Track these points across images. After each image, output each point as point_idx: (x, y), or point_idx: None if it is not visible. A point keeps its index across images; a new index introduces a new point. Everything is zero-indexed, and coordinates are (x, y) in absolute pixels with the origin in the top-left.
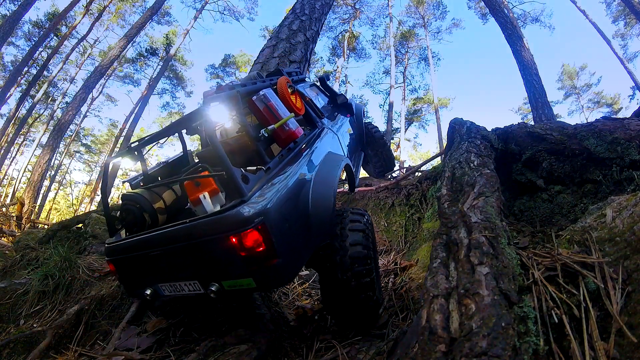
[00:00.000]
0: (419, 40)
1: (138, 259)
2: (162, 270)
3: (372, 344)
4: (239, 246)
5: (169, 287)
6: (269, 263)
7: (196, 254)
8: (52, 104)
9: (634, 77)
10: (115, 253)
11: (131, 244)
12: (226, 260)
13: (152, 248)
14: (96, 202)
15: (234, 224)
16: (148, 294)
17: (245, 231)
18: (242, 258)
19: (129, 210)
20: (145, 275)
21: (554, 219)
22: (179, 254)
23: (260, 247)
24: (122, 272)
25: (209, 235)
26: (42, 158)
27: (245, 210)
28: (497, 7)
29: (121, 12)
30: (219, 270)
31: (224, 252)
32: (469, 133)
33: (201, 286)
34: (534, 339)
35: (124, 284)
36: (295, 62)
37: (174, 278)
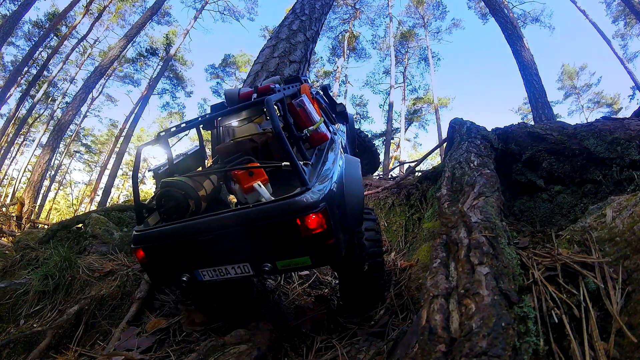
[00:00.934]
0: (419, 40)
1: (179, 245)
2: (207, 255)
3: (372, 343)
4: (303, 227)
5: (211, 272)
6: (327, 243)
7: (255, 237)
8: (52, 104)
9: (634, 77)
10: (149, 240)
11: (175, 230)
12: (286, 241)
13: (203, 233)
14: (96, 202)
15: (302, 208)
16: (184, 279)
17: (311, 214)
18: (304, 238)
19: (173, 197)
20: (184, 261)
21: (554, 219)
22: (234, 238)
23: (321, 229)
24: (154, 259)
25: (276, 217)
26: (42, 158)
27: (311, 196)
28: (497, 7)
29: (121, 12)
30: (276, 251)
31: (287, 233)
32: (469, 133)
33: (251, 268)
34: (534, 339)
35: (150, 272)
36: (295, 62)
37: (220, 262)
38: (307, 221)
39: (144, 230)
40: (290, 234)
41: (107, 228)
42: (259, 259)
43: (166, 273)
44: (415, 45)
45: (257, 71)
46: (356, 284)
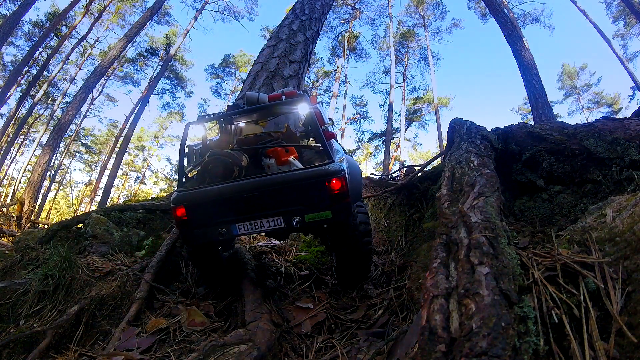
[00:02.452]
0: (419, 40)
1: (222, 202)
2: (247, 210)
3: (372, 343)
4: (329, 187)
5: (247, 225)
6: (344, 200)
7: (291, 194)
8: (52, 104)
9: (634, 77)
10: (191, 198)
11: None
12: (315, 198)
13: (249, 191)
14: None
15: (330, 172)
16: (221, 232)
17: (335, 178)
18: (329, 196)
19: (222, 162)
20: (224, 216)
21: (554, 219)
22: (272, 195)
23: (342, 190)
24: (194, 215)
25: (311, 179)
26: (42, 158)
27: (336, 166)
28: (497, 7)
29: (121, 12)
30: (305, 206)
31: (317, 192)
32: (469, 133)
33: (283, 221)
34: (534, 339)
35: (186, 229)
36: (295, 62)
37: (257, 217)
38: (332, 183)
39: (187, 190)
40: (319, 193)
41: (107, 228)
42: (291, 213)
43: (204, 228)
44: (415, 45)
45: (257, 71)
46: (350, 255)
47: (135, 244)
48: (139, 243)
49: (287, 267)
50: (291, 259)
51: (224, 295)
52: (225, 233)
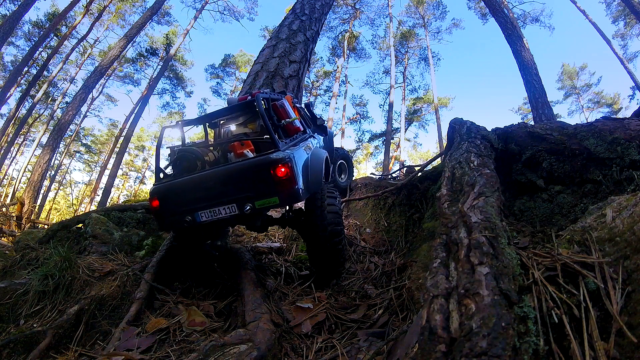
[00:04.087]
0: (419, 40)
1: (184, 192)
2: (205, 199)
3: (372, 343)
4: (274, 174)
5: (207, 213)
6: (290, 186)
7: (241, 182)
8: (52, 104)
9: (634, 77)
10: (162, 190)
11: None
12: (263, 185)
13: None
14: (96, 202)
15: (274, 160)
16: (187, 220)
17: (280, 165)
18: (274, 182)
19: (186, 158)
20: (187, 205)
21: (554, 219)
22: (225, 184)
23: (287, 176)
24: (164, 205)
25: (256, 167)
26: (42, 158)
27: (281, 154)
28: (497, 7)
29: (121, 12)
30: (255, 193)
31: (263, 179)
32: (469, 133)
33: (237, 208)
34: (534, 339)
35: (160, 217)
36: (295, 62)
37: (214, 204)
38: (277, 170)
39: (158, 184)
40: (265, 180)
41: (107, 228)
42: (243, 200)
43: (173, 216)
44: (415, 45)
45: (257, 71)
46: (319, 247)
47: (135, 244)
48: (139, 243)
49: (287, 267)
50: (291, 259)
51: (224, 295)
52: (190, 220)
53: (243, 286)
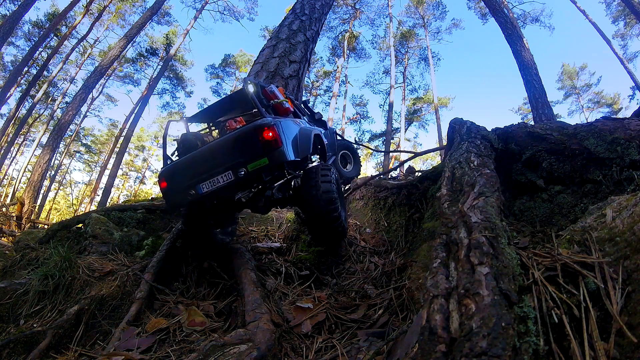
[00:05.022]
0: (419, 40)
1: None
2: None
3: (372, 343)
4: (261, 137)
5: (208, 184)
6: (277, 146)
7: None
8: (52, 104)
9: (634, 77)
10: (168, 171)
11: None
12: (252, 149)
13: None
14: (96, 202)
15: (260, 125)
16: (192, 193)
17: (266, 128)
18: (262, 145)
19: (187, 139)
20: (190, 179)
21: (554, 219)
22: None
23: (273, 138)
24: (171, 183)
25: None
26: (42, 158)
27: (266, 120)
28: (497, 7)
29: (121, 12)
30: (246, 157)
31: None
32: (469, 133)
33: (233, 175)
34: (534, 339)
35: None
36: (295, 62)
37: (213, 175)
38: (263, 133)
39: (164, 167)
40: (254, 144)
41: (107, 228)
42: (236, 166)
43: (179, 193)
44: (415, 45)
45: (257, 71)
46: (316, 215)
47: (135, 244)
48: (139, 243)
49: (287, 267)
50: (291, 259)
51: (224, 295)
52: (194, 194)
53: (243, 286)
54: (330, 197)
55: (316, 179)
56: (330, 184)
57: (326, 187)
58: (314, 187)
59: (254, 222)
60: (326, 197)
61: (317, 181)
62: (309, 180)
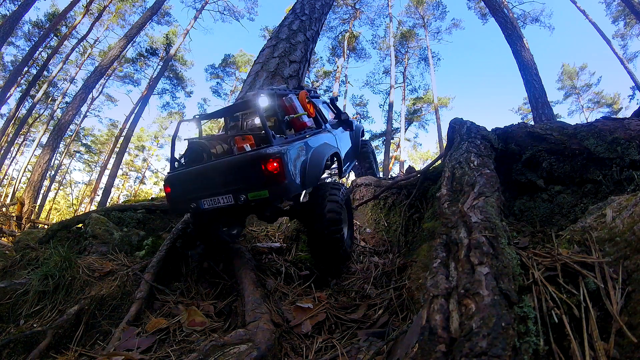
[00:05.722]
0: (419, 40)
1: (190, 181)
2: (207, 188)
3: (372, 343)
4: (265, 168)
5: (209, 201)
6: (280, 181)
7: (236, 174)
8: (52, 104)
9: (634, 77)
10: (172, 179)
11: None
12: (255, 178)
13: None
14: (96, 202)
15: (265, 155)
16: (193, 206)
17: (271, 159)
18: (265, 177)
19: (193, 150)
20: (192, 192)
21: (554, 219)
22: (223, 176)
23: (277, 171)
24: (175, 191)
25: (248, 161)
26: (42, 158)
27: (273, 149)
28: (497, 7)
29: (121, 12)
30: (248, 185)
31: (255, 172)
32: (469, 133)
33: (233, 198)
34: (534, 339)
35: (172, 202)
36: (295, 62)
37: (214, 194)
38: (267, 164)
39: (171, 172)
40: (257, 173)
41: (107, 228)
42: (238, 191)
43: (181, 202)
44: (415, 45)
45: (257, 71)
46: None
47: (135, 244)
48: (139, 243)
49: (287, 267)
50: (291, 259)
51: (224, 295)
52: (195, 207)
53: (243, 286)
54: (336, 218)
55: (323, 198)
56: (336, 204)
57: (332, 206)
58: (319, 205)
59: (254, 222)
60: (330, 217)
61: (324, 200)
62: (316, 199)
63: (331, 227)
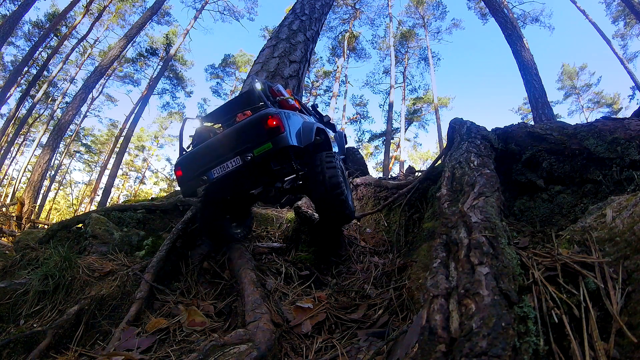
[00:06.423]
0: (419, 40)
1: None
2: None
3: (372, 343)
4: (266, 125)
5: (218, 170)
6: (280, 132)
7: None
8: (52, 104)
9: (634, 77)
10: (183, 160)
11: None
12: (258, 136)
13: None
14: (96, 202)
15: (265, 114)
16: (204, 179)
17: (270, 116)
18: (267, 131)
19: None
20: (203, 166)
21: (554, 219)
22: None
23: (276, 125)
24: (186, 171)
25: (251, 122)
26: (42, 158)
27: (271, 110)
28: (497, 7)
29: (121, 12)
30: (253, 143)
31: (257, 130)
32: (469, 133)
33: (241, 160)
34: (534, 339)
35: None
36: (295, 62)
37: (223, 161)
38: (268, 120)
39: (180, 157)
40: (259, 131)
41: (107, 228)
42: (243, 151)
43: (192, 179)
44: (415, 45)
45: (257, 71)
46: (323, 200)
47: (135, 244)
48: (139, 243)
49: (287, 267)
50: (291, 259)
51: (224, 295)
52: (206, 179)
53: (243, 286)
54: (336, 182)
55: (321, 166)
56: (335, 169)
57: (331, 172)
58: (319, 173)
59: (254, 223)
60: (332, 182)
61: (323, 167)
62: (315, 168)
63: (335, 190)
